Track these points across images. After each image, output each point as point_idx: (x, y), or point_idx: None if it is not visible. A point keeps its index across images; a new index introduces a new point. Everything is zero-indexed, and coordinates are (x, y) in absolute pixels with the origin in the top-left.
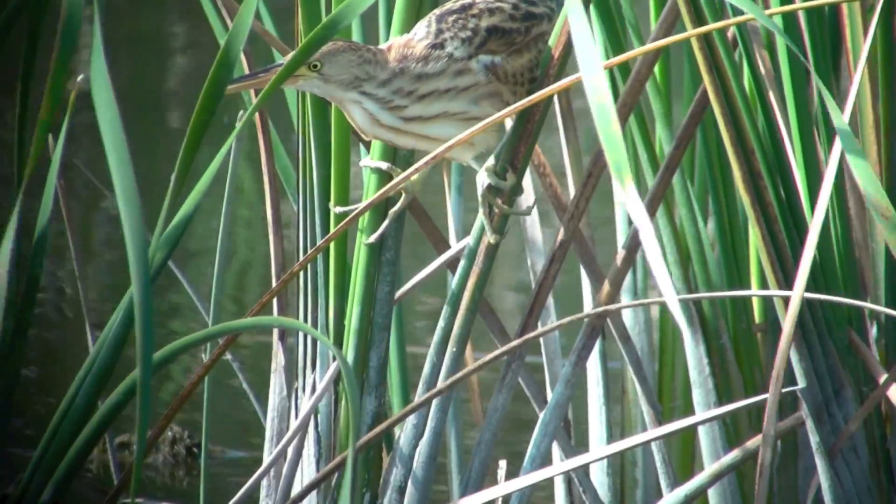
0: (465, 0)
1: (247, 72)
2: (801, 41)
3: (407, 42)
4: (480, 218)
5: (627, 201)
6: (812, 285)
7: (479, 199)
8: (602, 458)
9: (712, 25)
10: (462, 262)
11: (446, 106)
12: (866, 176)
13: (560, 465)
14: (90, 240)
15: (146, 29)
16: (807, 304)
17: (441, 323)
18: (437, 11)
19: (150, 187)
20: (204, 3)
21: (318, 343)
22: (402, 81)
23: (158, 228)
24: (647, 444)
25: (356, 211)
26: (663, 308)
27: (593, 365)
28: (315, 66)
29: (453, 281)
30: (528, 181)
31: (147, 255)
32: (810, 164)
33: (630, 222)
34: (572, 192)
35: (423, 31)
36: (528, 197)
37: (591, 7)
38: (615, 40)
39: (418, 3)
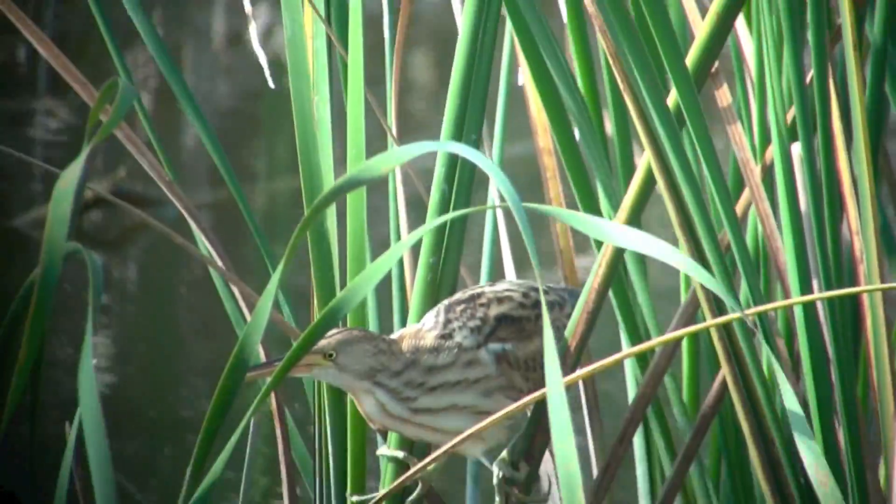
0: (473, 290)
1: (264, 359)
2: (819, 329)
3: (416, 332)
4: None
5: None
6: None
7: (495, 488)
8: None
9: (731, 316)
10: None
11: (455, 399)
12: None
13: None
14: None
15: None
16: None
17: None
18: (445, 301)
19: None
20: (221, 292)
21: None
22: (413, 373)
23: None
24: None
25: (373, 501)
26: None
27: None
28: (330, 355)
29: None
30: (547, 465)
31: None
32: (829, 447)
33: None
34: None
35: (431, 320)
36: (545, 483)
37: (612, 297)
38: (633, 330)
39: (435, 293)
